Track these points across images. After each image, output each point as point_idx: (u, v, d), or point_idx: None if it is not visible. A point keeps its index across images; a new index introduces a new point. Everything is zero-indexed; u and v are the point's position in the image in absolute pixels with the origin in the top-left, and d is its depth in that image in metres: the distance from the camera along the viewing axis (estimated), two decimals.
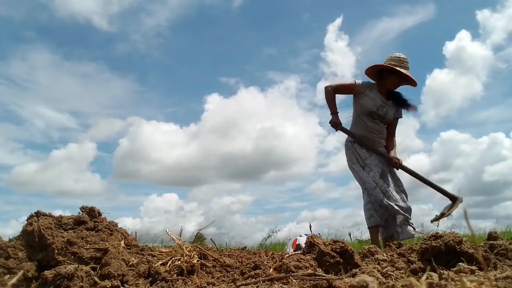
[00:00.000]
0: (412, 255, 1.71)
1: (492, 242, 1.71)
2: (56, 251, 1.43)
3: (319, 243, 1.64)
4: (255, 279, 1.33)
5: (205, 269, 1.48)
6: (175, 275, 1.36)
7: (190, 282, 1.32)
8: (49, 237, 1.46)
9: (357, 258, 1.61)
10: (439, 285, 0.86)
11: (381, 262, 1.64)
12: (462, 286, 0.75)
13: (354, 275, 1.40)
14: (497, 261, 1.52)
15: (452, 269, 1.33)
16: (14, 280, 1.22)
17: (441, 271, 1.24)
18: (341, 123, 3.65)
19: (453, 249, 1.55)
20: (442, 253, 1.58)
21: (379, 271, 1.40)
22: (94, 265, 1.43)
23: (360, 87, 3.59)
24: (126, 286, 1.29)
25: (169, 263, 1.47)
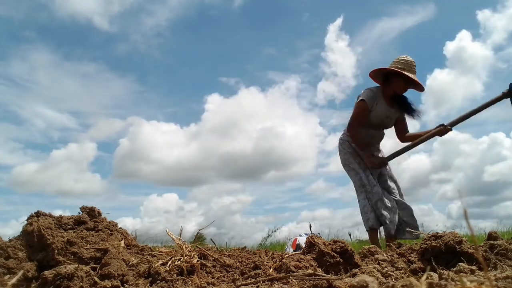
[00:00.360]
0: (412, 255, 1.71)
1: (492, 242, 1.71)
2: (56, 251, 1.43)
3: (319, 243, 1.63)
4: (255, 279, 1.33)
5: (205, 269, 1.48)
6: (175, 275, 1.36)
7: (190, 282, 1.32)
8: (49, 237, 1.46)
9: (357, 258, 1.61)
10: (439, 285, 0.86)
11: (381, 262, 1.64)
12: (462, 286, 0.75)
13: (354, 275, 1.40)
14: (497, 261, 1.52)
15: (452, 269, 1.33)
16: (14, 280, 1.22)
17: (441, 271, 1.24)
18: (383, 161, 3.50)
19: (453, 249, 1.55)
20: (442, 253, 1.57)
21: (379, 271, 1.40)
22: (94, 265, 1.43)
23: (370, 103, 3.39)
24: (126, 286, 1.29)
25: (169, 263, 1.47)
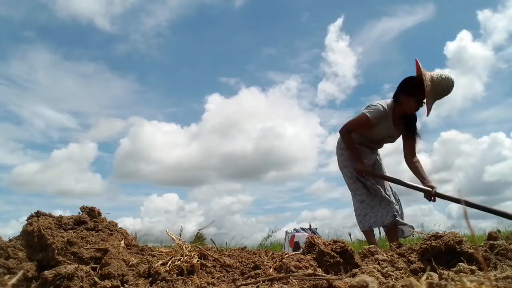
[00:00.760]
0: (412, 255, 1.71)
1: (492, 242, 1.71)
2: (56, 251, 1.43)
3: (319, 243, 1.64)
4: (255, 279, 1.33)
5: (205, 269, 1.48)
6: (175, 275, 1.36)
7: (190, 282, 1.32)
8: (49, 237, 1.46)
9: (357, 258, 1.61)
10: (439, 285, 0.86)
11: (381, 262, 1.64)
12: (462, 286, 0.75)
13: (354, 275, 1.40)
14: (497, 261, 1.52)
15: (452, 269, 1.33)
16: (14, 280, 1.22)
17: (441, 271, 1.24)
18: (370, 171, 3.37)
19: (453, 249, 1.55)
20: (442, 253, 1.58)
21: (379, 271, 1.40)
22: (94, 265, 1.43)
23: (374, 120, 3.24)
24: (126, 286, 1.29)
25: (169, 263, 1.47)
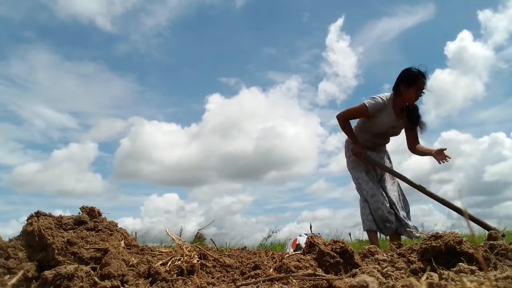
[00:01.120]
0: (412, 255, 1.71)
1: (492, 242, 1.71)
2: (56, 251, 1.43)
3: (319, 243, 1.63)
4: (255, 279, 1.33)
5: (205, 269, 1.48)
6: (175, 275, 1.36)
7: (190, 282, 1.32)
8: (49, 237, 1.46)
9: (357, 258, 1.61)
10: (439, 285, 0.86)
11: (381, 262, 1.64)
12: (462, 286, 0.75)
13: (354, 275, 1.40)
14: (497, 261, 1.52)
15: (452, 269, 1.32)
16: (14, 280, 1.22)
17: (441, 271, 1.24)
18: (362, 153, 3.44)
19: (453, 249, 1.55)
20: (442, 253, 1.57)
21: (379, 271, 1.40)
22: (94, 265, 1.43)
23: (372, 111, 3.32)
24: (126, 286, 1.29)
25: (169, 263, 1.47)
